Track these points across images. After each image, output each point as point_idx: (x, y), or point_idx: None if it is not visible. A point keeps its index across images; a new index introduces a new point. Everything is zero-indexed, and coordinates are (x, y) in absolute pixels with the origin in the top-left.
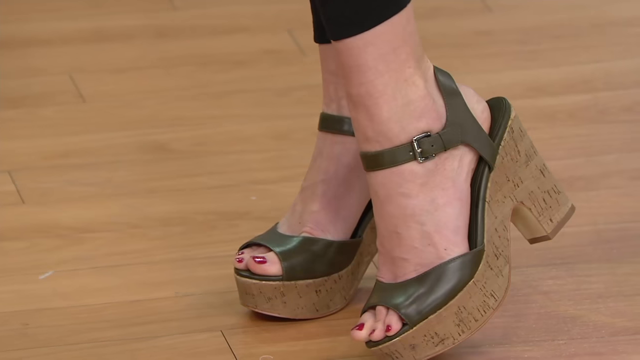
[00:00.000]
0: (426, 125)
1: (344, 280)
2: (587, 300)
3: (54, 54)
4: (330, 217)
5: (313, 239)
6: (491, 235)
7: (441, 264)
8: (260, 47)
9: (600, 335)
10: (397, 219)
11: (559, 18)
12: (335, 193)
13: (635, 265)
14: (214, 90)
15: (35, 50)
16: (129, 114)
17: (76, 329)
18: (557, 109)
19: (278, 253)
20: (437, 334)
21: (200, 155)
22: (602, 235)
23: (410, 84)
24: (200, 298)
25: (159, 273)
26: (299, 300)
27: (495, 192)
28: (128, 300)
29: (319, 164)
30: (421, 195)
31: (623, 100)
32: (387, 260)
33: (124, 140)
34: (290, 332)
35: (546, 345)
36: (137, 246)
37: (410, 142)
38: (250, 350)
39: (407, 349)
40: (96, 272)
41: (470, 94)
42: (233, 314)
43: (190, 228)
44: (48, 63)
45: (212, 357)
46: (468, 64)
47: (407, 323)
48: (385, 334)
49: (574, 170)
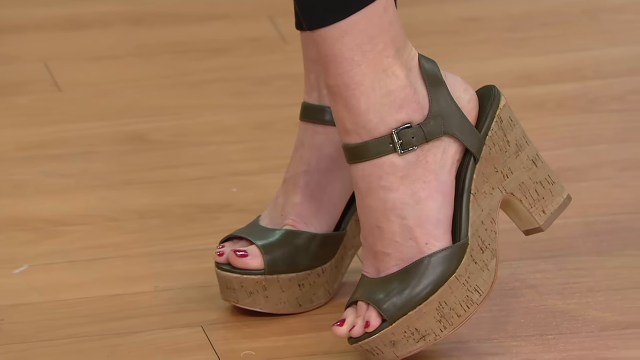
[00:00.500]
0: (406, 117)
1: (327, 274)
2: (576, 294)
3: (28, 41)
4: (313, 210)
5: (295, 231)
6: (477, 229)
7: (422, 258)
8: (241, 35)
9: (590, 330)
10: (378, 213)
11: (548, 4)
12: (318, 184)
13: (625, 258)
14: (193, 79)
15: (8, 37)
16: (106, 104)
17: (52, 324)
18: (546, 98)
19: (260, 246)
20: (417, 330)
21: (179, 145)
22: (592, 228)
23: (389, 74)
24: (180, 292)
25: (137, 267)
26: (282, 295)
27: (482, 183)
28: (105, 295)
29: (301, 155)
30: (402, 188)
31: (614, 89)
32: (370, 254)
33: (101, 131)
34: (273, 327)
35: (534, 340)
36: (115, 239)
37: (389, 134)
38: (231, 346)
39: (387, 345)
40: (72, 266)
41: (457, 82)
42: (214, 308)
43: (169, 221)
44: (22, 50)
45: (192, 353)
46: (455, 51)
47: (387, 319)
48: (365, 330)
49: (563, 161)
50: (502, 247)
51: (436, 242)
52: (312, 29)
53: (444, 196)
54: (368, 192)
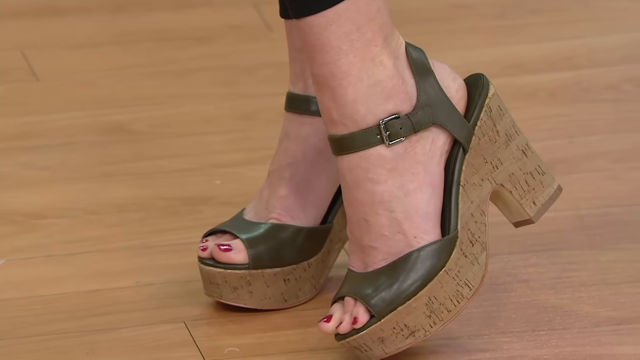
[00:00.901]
0: (394, 107)
1: (313, 269)
2: (569, 289)
3: (5, 28)
4: (298, 203)
5: (281, 225)
6: (466, 221)
7: (410, 252)
8: (225, 22)
9: (583, 326)
10: (365, 206)
11: None
12: (304, 177)
13: (619, 252)
14: (176, 67)
15: None
16: (85, 93)
17: (30, 320)
18: (537, 87)
19: (244, 240)
20: (407, 326)
21: (161, 137)
22: (585, 221)
23: (377, 63)
24: (162, 288)
25: (118, 262)
26: (267, 290)
27: (472, 175)
28: (85, 291)
29: (286, 147)
30: (390, 181)
31: (607, 78)
32: (357, 248)
33: (80, 121)
34: (257, 323)
35: (526, 336)
36: (94, 233)
37: (377, 124)
38: (214, 342)
39: (375, 342)
40: (51, 260)
41: (445, 71)
42: (197, 304)
43: (150, 214)
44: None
45: (175, 350)
46: (444, 39)
47: (375, 315)
48: (352, 326)
49: (555, 152)
50: (493, 241)
51: (425, 235)
52: (299, 17)
53: (433, 188)
54: (355, 184)
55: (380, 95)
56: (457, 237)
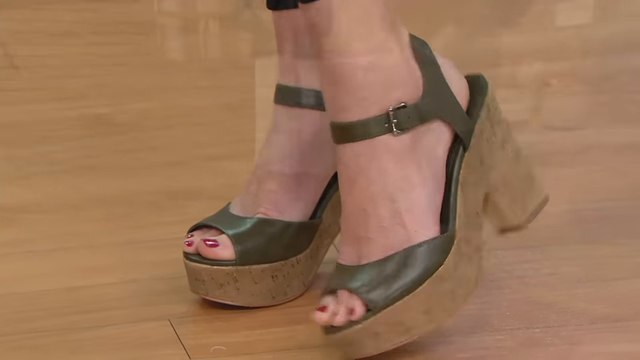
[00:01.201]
0: (402, 95)
1: (302, 265)
2: (564, 285)
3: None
4: (287, 197)
5: (269, 220)
6: (463, 220)
7: (409, 247)
8: (210, 11)
9: (579, 323)
10: (366, 196)
11: None
12: (293, 171)
13: (615, 247)
14: (160, 58)
15: None
16: (67, 85)
17: (11, 318)
18: (531, 78)
19: (231, 236)
20: (402, 323)
21: (145, 129)
22: (581, 215)
23: (385, 50)
24: (147, 284)
25: (102, 258)
26: (254, 287)
27: (469, 174)
28: (68, 287)
29: (275, 140)
30: (395, 172)
31: (603, 68)
32: (351, 240)
33: (62, 113)
34: (245, 321)
35: (521, 334)
36: (78, 228)
37: (385, 113)
38: (200, 340)
39: (370, 337)
40: (32, 256)
41: (449, 66)
42: (182, 301)
43: (135, 209)
44: None
45: (160, 348)
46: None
47: (371, 309)
48: (349, 318)
49: (549, 145)
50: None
51: (426, 231)
52: (306, 2)
53: (435, 183)
54: (358, 173)
55: (388, 82)
56: (455, 235)
